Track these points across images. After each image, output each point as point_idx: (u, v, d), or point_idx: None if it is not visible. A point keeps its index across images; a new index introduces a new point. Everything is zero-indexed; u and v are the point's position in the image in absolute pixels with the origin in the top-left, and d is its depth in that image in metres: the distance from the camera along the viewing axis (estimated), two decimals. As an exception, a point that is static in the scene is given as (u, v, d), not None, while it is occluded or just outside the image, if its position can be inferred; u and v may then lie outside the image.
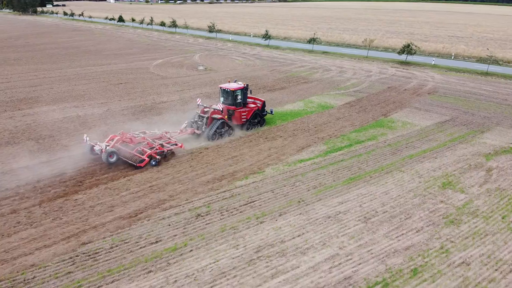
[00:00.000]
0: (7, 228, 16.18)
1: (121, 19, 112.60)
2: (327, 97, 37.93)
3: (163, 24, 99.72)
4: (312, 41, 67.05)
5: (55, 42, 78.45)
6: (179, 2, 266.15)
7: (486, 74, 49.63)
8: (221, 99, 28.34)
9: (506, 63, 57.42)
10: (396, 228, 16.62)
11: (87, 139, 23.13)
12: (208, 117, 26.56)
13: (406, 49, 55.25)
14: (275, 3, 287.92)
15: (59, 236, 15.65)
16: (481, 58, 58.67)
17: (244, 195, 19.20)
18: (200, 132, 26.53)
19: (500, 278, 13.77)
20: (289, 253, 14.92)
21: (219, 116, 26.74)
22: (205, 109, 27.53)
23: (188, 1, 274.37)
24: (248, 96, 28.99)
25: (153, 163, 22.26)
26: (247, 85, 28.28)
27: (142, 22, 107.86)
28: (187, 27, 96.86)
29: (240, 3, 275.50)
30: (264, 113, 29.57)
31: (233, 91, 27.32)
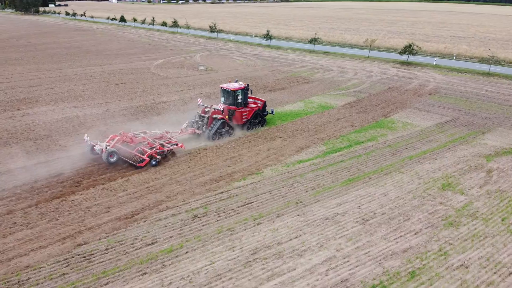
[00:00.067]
0: (3, 229, 16.12)
1: (122, 19, 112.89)
2: (327, 98, 37.77)
3: (164, 24, 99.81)
4: (314, 41, 66.88)
5: (56, 42, 78.59)
6: (181, 2, 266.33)
7: (488, 74, 49.34)
8: (222, 99, 28.26)
9: (508, 63, 57.04)
10: (394, 230, 16.46)
11: (88, 139, 23.11)
12: (209, 117, 26.49)
13: (408, 49, 54.98)
14: (277, 3, 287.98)
15: (54, 237, 15.58)
16: (483, 58, 58.33)
17: (241, 196, 19.07)
18: (200, 132, 26.46)
19: (499, 281, 13.58)
20: (285, 255, 14.78)
21: (220, 116, 26.65)
22: (206, 109, 27.45)
23: (190, 1, 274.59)
24: (249, 96, 28.92)
25: (153, 163, 22.21)
26: (248, 85, 28.18)
27: (143, 22, 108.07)
28: (188, 27, 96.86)
29: (242, 3, 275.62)
30: (265, 113, 29.48)
31: (234, 91, 27.24)
